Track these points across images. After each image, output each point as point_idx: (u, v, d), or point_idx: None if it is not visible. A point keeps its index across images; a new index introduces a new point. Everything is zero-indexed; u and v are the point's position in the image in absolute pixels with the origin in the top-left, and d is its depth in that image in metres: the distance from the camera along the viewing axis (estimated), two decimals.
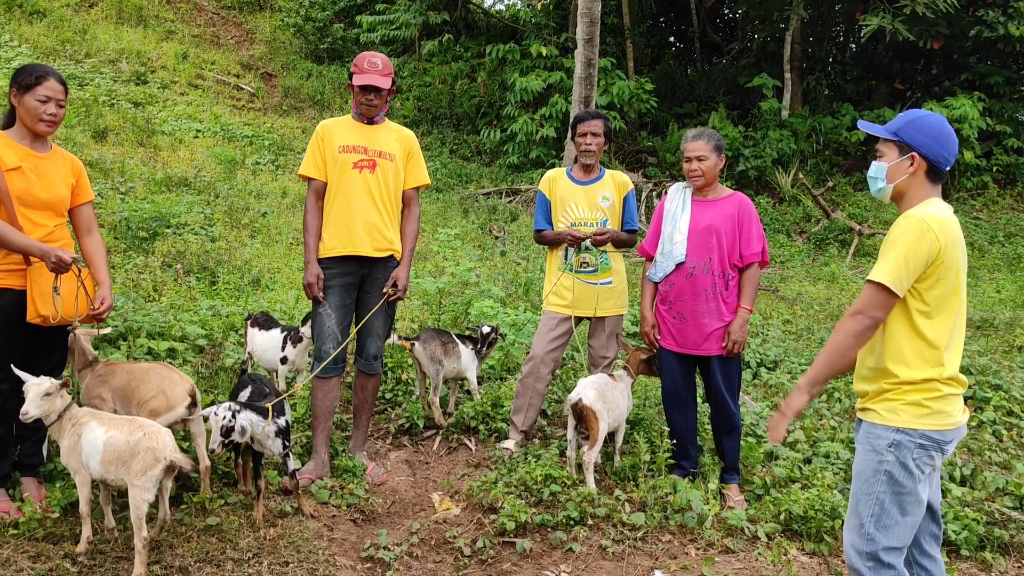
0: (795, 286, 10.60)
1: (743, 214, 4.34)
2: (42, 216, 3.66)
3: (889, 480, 2.71)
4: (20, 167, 3.57)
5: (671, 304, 4.42)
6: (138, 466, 3.25)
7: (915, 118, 2.81)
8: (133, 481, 3.24)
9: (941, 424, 2.71)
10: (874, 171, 2.87)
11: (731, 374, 4.41)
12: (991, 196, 14.81)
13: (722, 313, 4.31)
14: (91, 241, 3.91)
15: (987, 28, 13.96)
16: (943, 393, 2.71)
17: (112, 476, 3.31)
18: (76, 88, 13.29)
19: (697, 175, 4.35)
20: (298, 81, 17.44)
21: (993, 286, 10.97)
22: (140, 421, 3.42)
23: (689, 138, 4.40)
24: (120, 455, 3.27)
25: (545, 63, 15.73)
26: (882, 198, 2.89)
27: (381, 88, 4.26)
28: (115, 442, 3.29)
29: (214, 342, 5.83)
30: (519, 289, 8.27)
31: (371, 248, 4.35)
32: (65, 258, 3.47)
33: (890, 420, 2.73)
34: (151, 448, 3.27)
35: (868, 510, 2.75)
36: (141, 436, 3.29)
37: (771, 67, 16.72)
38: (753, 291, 4.37)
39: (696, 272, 4.33)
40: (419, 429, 5.16)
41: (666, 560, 3.80)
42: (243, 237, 9.18)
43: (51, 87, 3.59)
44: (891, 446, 2.71)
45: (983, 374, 6.49)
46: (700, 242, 4.33)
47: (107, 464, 3.29)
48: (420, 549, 3.82)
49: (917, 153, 2.76)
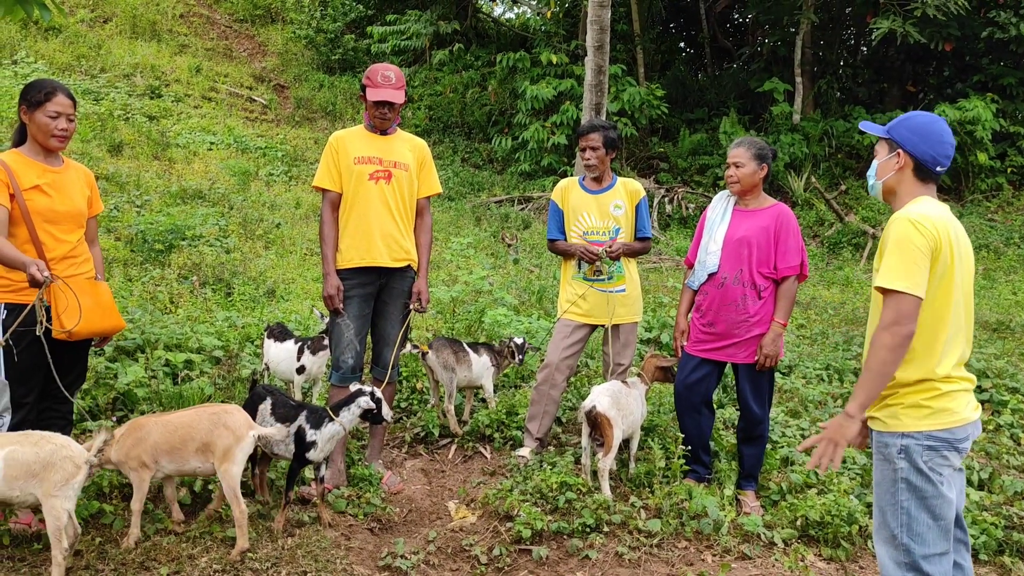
0: (809, 290, 10.57)
1: (780, 225, 4.30)
2: (64, 231, 3.70)
3: (909, 487, 2.68)
4: (39, 185, 3.61)
5: (703, 313, 4.43)
6: (58, 477, 3.18)
7: (907, 117, 2.86)
8: (52, 492, 3.16)
9: (946, 423, 2.67)
10: (870, 169, 2.95)
11: (760, 383, 4.38)
12: (1006, 198, 14.70)
13: (750, 325, 4.28)
14: (93, 253, 3.94)
15: (999, 29, 13.89)
16: (942, 391, 2.68)
17: (18, 493, 3.17)
18: (91, 103, 13.44)
19: (733, 181, 4.36)
20: (310, 92, 17.55)
21: (1009, 288, 10.89)
22: (40, 433, 3.30)
23: (732, 144, 4.43)
24: (29, 469, 3.16)
25: (555, 71, 15.78)
26: (875, 195, 2.95)
27: (395, 103, 4.30)
28: (19, 456, 3.16)
29: (230, 353, 5.88)
30: (532, 297, 8.29)
31: (388, 258, 4.38)
32: (38, 276, 3.37)
33: (893, 426, 2.72)
34: (68, 457, 3.22)
35: (896, 520, 2.70)
36: (53, 447, 3.21)
37: (782, 71, 16.70)
38: (788, 305, 4.31)
39: (727, 283, 4.32)
40: (434, 438, 5.18)
41: (682, 567, 3.80)
42: (258, 248, 9.25)
43: (60, 102, 3.62)
44: (900, 453, 2.69)
45: (1000, 377, 6.45)
46: (733, 253, 4.32)
47: (12, 481, 3.15)
48: (437, 557, 3.83)
49: (902, 150, 2.79)
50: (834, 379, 6.71)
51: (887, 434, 2.73)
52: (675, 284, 9.69)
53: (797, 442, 5.17)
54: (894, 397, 2.73)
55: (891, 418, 2.72)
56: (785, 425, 5.42)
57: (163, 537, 3.62)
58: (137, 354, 5.31)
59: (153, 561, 3.43)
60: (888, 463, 2.73)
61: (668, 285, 9.80)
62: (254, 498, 4.09)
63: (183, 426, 3.58)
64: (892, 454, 2.71)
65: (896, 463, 2.70)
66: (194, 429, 3.56)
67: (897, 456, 2.70)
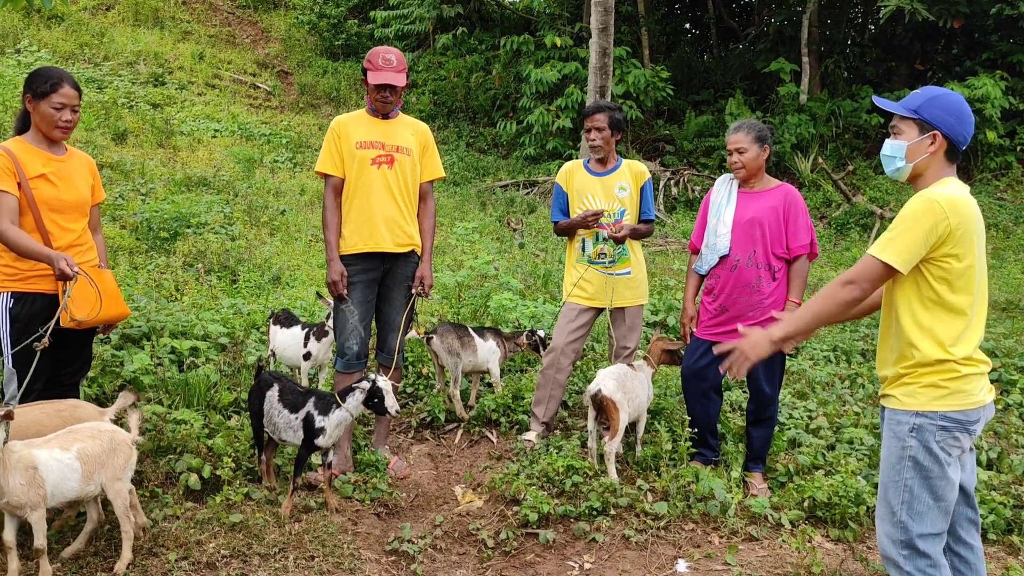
0: (817, 271, 10.51)
1: (788, 205, 4.27)
2: (70, 220, 3.70)
3: (915, 466, 2.68)
4: (44, 174, 3.60)
5: (715, 296, 4.40)
6: (120, 460, 3.25)
7: (936, 95, 2.77)
8: (117, 476, 3.24)
9: (962, 404, 2.67)
10: (891, 150, 2.81)
11: (773, 364, 4.35)
12: (1015, 176, 14.57)
13: (765, 307, 4.25)
14: (96, 241, 3.94)
15: (1008, 6, 13.71)
16: (961, 373, 2.67)
17: (92, 488, 3.20)
18: (95, 91, 13.43)
19: (739, 167, 4.32)
20: (314, 78, 17.50)
21: (1019, 267, 10.82)
22: (87, 425, 3.32)
23: (731, 131, 4.38)
24: (99, 460, 3.19)
25: (560, 54, 15.67)
26: (898, 177, 2.84)
27: (397, 86, 4.27)
28: (88, 451, 3.18)
29: (236, 340, 5.89)
30: (538, 281, 8.27)
31: (392, 244, 4.37)
32: (68, 271, 3.41)
33: (909, 404, 2.71)
34: (124, 440, 3.29)
35: (898, 498, 2.71)
36: (109, 433, 3.26)
37: (788, 51, 16.54)
38: (802, 284, 4.31)
39: (740, 265, 4.29)
40: (441, 422, 5.19)
41: (689, 549, 3.80)
42: (263, 235, 9.25)
43: (66, 93, 3.59)
44: (912, 431, 2.68)
45: (1008, 356, 6.42)
46: (744, 235, 4.29)
47: (89, 477, 3.17)
48: (444, 542, 3.84)
49: (940, 132, 2.72)
50: (841, 360, 6.68)
51: (901, 412, 2.73)
52: (681, 267, 9.66)
53: (804, 424, 5.16)
54: (912, 376, 2.72)
55: (907, 396, 2.72)
56: (792, 407, 5.41)
57: (171, 523, 3.63)
58: (143, 342, 5.31)
59: (161, 547, 3.45)
60: (898, 440, 2.72)
61: (674, 268, 9.77)
62: (261, 484, 4.11)
63: (33, 424, 3.33)
64: (903, 432, 2.71)
65: (906, 440, 2.70)
66: (46, 428, 3.35)
67: (908, 434, 2.69)
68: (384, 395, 3.89)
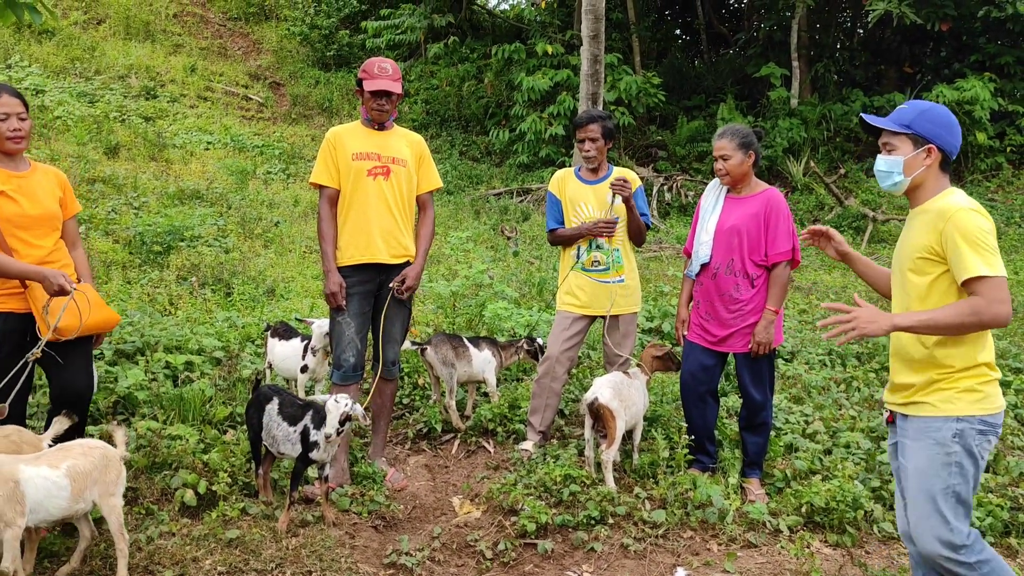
0: (810, 275, 10.54)
1: (770, 211, 4.28)
2: (37, 236, 3.64)
3: (960, 471, 2.71)
4: (3, 191, 3.54)
5: (699, 304, 4.44)
6: (112, 476, 3.24)
7: (925, 109, 2.82)
8: (110, 491, 3.22)
9: (994, 407, 2.73)
10: (887, 165, 2.84)
11: (759, 370, 4.37)
12: (1005, 177, 14.66)
13: (745, 314, 4.28)
14: (77, 255, 3.89)
15: (995, 8, 13.81)
16: (991, 377, 2.74)
17: (82, 505, 3.16)
18: (87, 105, 13.41)
19: (723, 174, 4.33)
20: (306, 89, 17.51)
21: (1011, 268, 10.85)
22: (79, 442, 3.30)
23: (715, 137, 4.39)
24: (90, 477, 3.16)
25: (551, 61, 15.72)
26: (896, 191, 2.88)
27: (393, 92, 4.27)
28: (79, 468, 3.14)
29: (231, 354, 5.87)
30: (533, 289, 8.27)
31: (388, 255, 4.37)
32: (67, 287, 3.39)
33: (948, 411, 2.73)
34: (114, 456, 3.28)
35: (949, 505, 2.72)
36: (100, 450, 3.25)
37: (778, 56, 16.62)
38: (780, 291, 4.29)
39: (719, 273, 4.32)
40: (437, 433, 5.17)
41: (688, 557, 3.80)
42: (257, 247, 9.23)
43: (6, 103, 3.53)
44: (955, 436, 2.71)
45: (1003, 357, 6.45)
46: (724, 243, 4.31)
47: (78, 495, 3.13)
48: (442, 553, 3.82)
49: (934, 145, 2.78)
50: (836, 364, 6.69)
51: (939, 419, 2.74)
52: (675, 273, 9.67)
53: (800, 429, 5.16)
54: (948, 381, 2.74)
55: (945, 402, 2.74)
56: (788, 412, 5.41)
57: (167, 540, 3.62)
58: (137, 357, 5.30)
59: (157, 565, 3.43)
60: (940, 447, 2.73)
61: (668, 274, 9.78)
62: (257, 498, 4.09)
63: None
64: (946, 438, 2.72)
65: (950, 446, 2.72)
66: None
67: (952, 440, 2.71)
68: (326, 415, 3.82)
